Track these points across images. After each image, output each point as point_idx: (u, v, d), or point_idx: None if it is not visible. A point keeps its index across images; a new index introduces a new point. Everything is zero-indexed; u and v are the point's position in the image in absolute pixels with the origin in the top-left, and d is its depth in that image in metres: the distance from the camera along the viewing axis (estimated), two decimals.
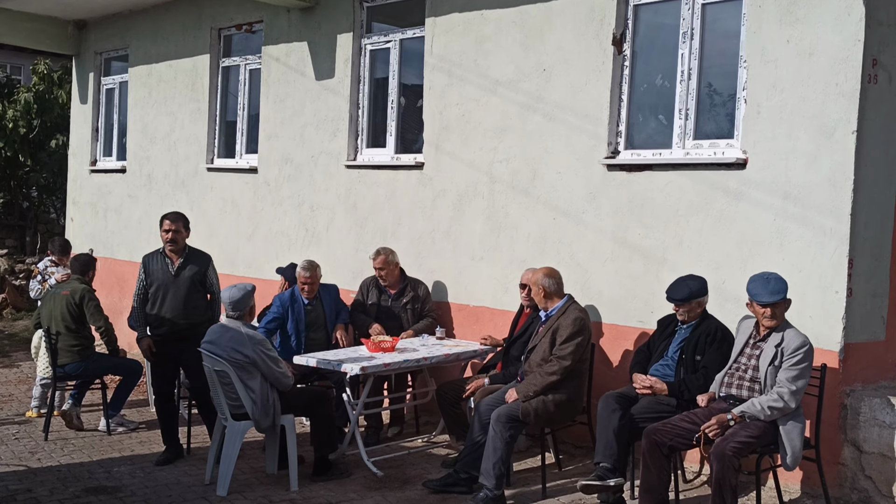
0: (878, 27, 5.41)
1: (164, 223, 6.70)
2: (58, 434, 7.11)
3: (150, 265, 6.65)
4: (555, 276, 5.94)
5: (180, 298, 6.53)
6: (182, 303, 6.52)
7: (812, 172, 5.52)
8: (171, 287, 6.55)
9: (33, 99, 14.93)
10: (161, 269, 6.60)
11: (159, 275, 6.59)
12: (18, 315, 13.06)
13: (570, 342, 5.68)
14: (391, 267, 7.26)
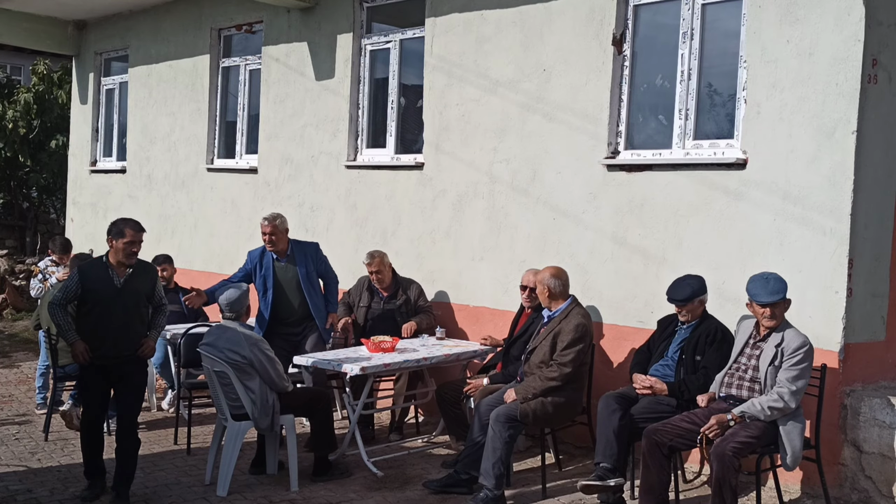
0: (878, 27, 5.41)
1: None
2: (58, 434, 7.10)
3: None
4: (561, 277, 5.94)
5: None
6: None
7: (812, 172, 5.52)
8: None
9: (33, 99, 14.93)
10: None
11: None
12: (18, 315, 13.05)
13: (572, 349, 5.67)
14: (386, 269, 7.27)
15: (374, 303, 7.30)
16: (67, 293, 5.71)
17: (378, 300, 7.31)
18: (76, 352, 5.69)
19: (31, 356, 10.33)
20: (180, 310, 8.27)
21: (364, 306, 7.31)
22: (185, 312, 8.24)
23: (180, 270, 8.82)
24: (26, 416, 7.82)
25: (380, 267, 7.22)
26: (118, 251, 5.86)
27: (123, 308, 5.69)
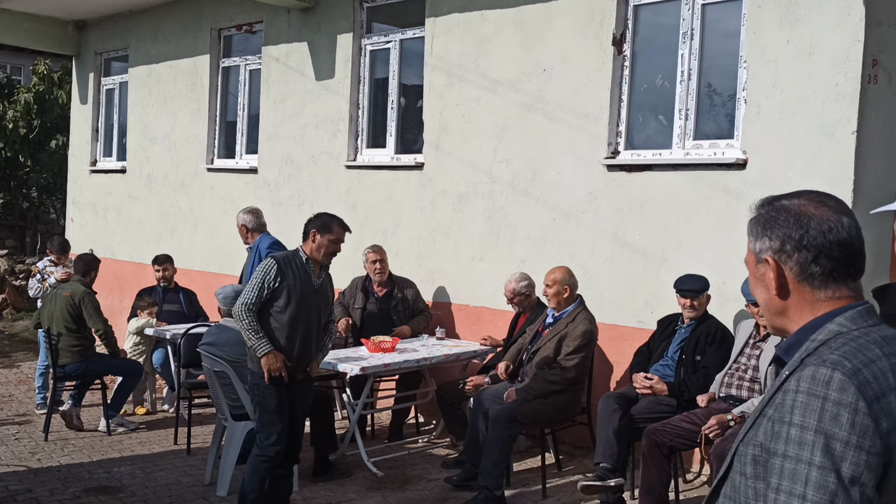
0: (878, 27, 5.41)
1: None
2: (58, 434, 7.11)
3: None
4: (574, 277, 5.99)
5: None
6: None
7: (812, 172, 5.52)
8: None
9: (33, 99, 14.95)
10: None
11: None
12: (18, 315, 13.06)
13: (576, 355, 5.71)
14: (386, 263, 7.27)
15: (370, 303, 7.29)
16: (261, 288, 4.84)
17: (373, 300, 7.29)
18: (271, 365, 4.82)
19: (31, 356, 10.33)
20: (180, 309, 8.28)
21: (359, 307, 7.29)
22: (186, 312, 8.25)
23: (180, 270, 8.82)
24: (26, 416, 7.83)
25: (382, 255, 7.23)
26: (320, 247, 5.01)
27: (317, 313, 5.05)
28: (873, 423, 1.43)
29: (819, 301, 1.62)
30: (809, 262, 1.61)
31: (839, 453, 1.42)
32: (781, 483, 1.46)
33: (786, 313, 1.67)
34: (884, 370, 1.49)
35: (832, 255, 1.60)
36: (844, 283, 1.61)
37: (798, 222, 1.65)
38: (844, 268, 1.60)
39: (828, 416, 1.44)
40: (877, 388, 1.47)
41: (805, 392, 1.48)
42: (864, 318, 1.59)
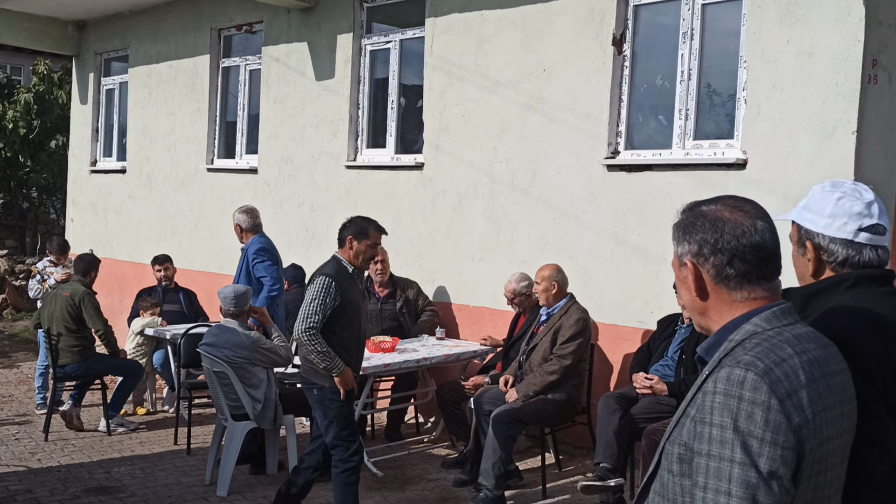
0: (878, 27, 5.41)
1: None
2: (58, 434, 7.11)
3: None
4: (563, 274, 6.00)
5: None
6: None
7: (812, 172, 5.52)
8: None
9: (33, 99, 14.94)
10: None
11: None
12: (18, 315, 13.06)
13: (572, 342, 5.71)
14: (387, 263, 7.27)
15: (371, 304, 7.28)
16: (324, 309, 4.70)
17: (374, 301, 7.29)
18: (346, 382, 4.77)
19: (31, 356, 10.33)
20: (180, 309, 8.28)
21: None
22: (186, 312, 8.25)
23: (180, 270, 8.82)
24: (26, 416, 7.83)
25: (385, 257, 7.22)
26: (358, 254, 4.93)
27: (366, 319, 5.07)
28: (785, 420, 1.51)
29: (736, 302, 1.69)
30: (724, 265, 1.68)
31: (756, 450, 1.50)
32: (708, 481, 1.54)
33: (707, 314, 1.74)
34: (794, 368, 1.57)
35: (745, 257, 1.67)
36: (759, 284, 1.69)
37: (714, 227, 1.70)
38: (758, 269, 1.68)
39: (743, 415, 1.52)
40: (788, 385, 1.54)
41: (721, 393, 1.55)
42: (778, 317, 1.67)
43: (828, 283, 2.04)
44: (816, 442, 1.56)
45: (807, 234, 2.09)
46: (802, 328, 1.68)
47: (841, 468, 1.66)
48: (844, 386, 1.68)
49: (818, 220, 2.06)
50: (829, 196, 2.07)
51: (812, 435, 1.55)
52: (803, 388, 1.56)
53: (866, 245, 2.03)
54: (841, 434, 1.64)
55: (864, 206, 2.07)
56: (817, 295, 2.04)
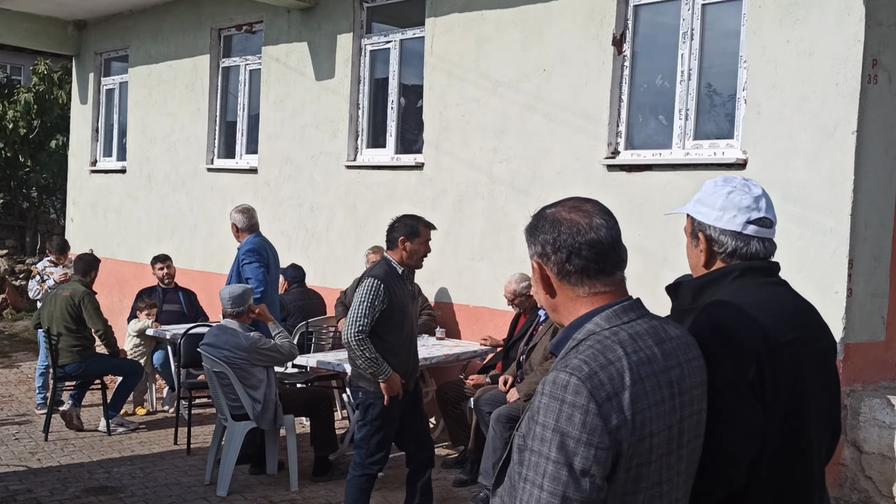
0: (878, 27, 5.41)
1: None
2: (58, 434, 7.11)
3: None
4: None
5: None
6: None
7: (812, 172, 5.52)
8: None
9: (33, 99, 14.94)
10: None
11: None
12: (18, 315, 13.06)
13: None
14: None
15: None
16: (372, 311, 4.63)
17: None
18: (392, 388, 4.70)
19: (31, 356, 10.34)
20: (180, 309, 8.29)
21: None
22: (186, 312, 8.25)
23: (180, 270, 8.83)
24: (26, 416, 7.83)
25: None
26: (413, 254, 4.85)
27: (415, 322, 4.97)
28: (602, 423, 1.62)
29: (580, 297, 1.82)
30: (564, 262, 1.80)
31: (572, 449, 1.62)
32: (528, 473, 1.67)
33: (558, 310, 1.87)
34: (620, 371, 1.68)
35: (582, 253, 1.79)
36: (598, 279, 1.81)
37: (553, 227, 1.82)
38: (595, 264, 1.80)
39: (564, 416, 1.64)
40: (610, 389, 1.65)
41: (548, 395, 1.68)
42: (619, 315, 1.79)
43: (716, 275, 2.15)
44: (636, 438, 1.66)
45: (699, 226, 2.18)
46: (642, 325, 1.79)
47: (674, 456, 1.76)
48: (683, 377, 1.79)
49: (710, 213, 2.16)
50: (720, 190, 2.17)
51: (631, 433, 1.65)
52: (626, 389, 1.66)
53: (754, 237, 2.14)
54: (672, 426, 1.74)
55: (753, 200, 2.15)
56: (708, 285, 2.14)
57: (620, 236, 1.85)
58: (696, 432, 1.83)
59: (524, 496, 1.66)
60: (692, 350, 1.86)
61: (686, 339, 1.87)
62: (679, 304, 2.21)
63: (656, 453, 1.71)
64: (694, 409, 1.81)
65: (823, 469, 2.17)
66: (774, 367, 1.96)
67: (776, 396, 1.96)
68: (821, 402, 2.10)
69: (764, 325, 2.00)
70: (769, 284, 2.17)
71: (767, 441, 1.97)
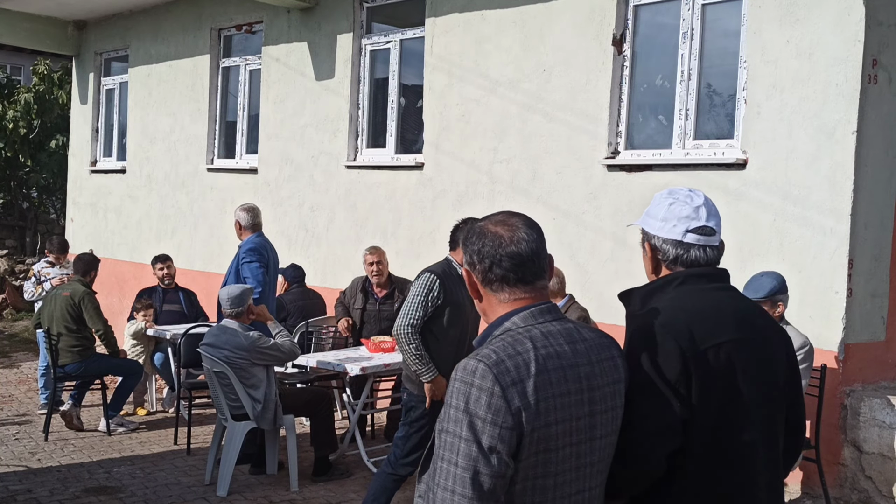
0: (878, 27, 5.41)
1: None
2: (58, 434, 7.11)
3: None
4: (558, 276, 5.96)
5: None
6: None
7: (812, 172, 5.52)
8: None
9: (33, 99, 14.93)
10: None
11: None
12: (18, 315, 13.06)
13: None
14: (385, 264, 7.26)
15: (370, 304, 7.28)
16: (425, 306, 4.53)
17: (373, 301, 7.28)
18: (436, 391, 4.59)
19: (31, 356, 10.34)
20: (180, 309, 8.28)
21: (359, 308, 7.28)
22: (186, 312, 8.25)
23: (180, 270, 8.82)
24: (26, 416, 7.83)
25: (380, 257, 7.19)
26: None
27: (473, 327, 4.79)
28: (506, 404, 1.80)
29: (501, 302, 1.99)
30: (487, 270, 1.98)
31: (479, 428, 1.79)
32: (444, 453, 1.82)
33: (486, 313, 2.05)
34: (527, 361, 1.85)
35: (502, 264, 1.96)
36: (517, 287, 1.98)
37: (478, 239, 2.00)
38: (514, 274, 1.97)
39: (472, 399, 1.81)
40: (515, 375, 1.83)
41: (459, 380, 1.85)
42: (535, 316, 1.96)
43: (661, 282, 2.28)
44: (540, 424, 1.82)
45: (646, 236, 2.36)
46: (556, 326, 1.95)
47: (586, 447, 1.91)
48: (595, 374, 1.94)
49: (654, 224, 2.35)
50: (664, 202, 2.39)
51: (534, 417, 1.81)
52: (531, 378, 1.83)
53: (694, 245, 2.27)
54: (580, 417, 1.89)
55: (693, 210, 2.32)
56: (653, 292, 2.27)
57: (543, 248, 2.00)
58: (611, 428, 1.97)
59: (442, 475, 1.82)
60: (606, 351, 2.00)
61: (601, 342, 2.01)
62: (631, 310, 2.33)
63: (563, 441, 1.86)
64: (607, 405, 1.95)
65: (780, 470, 2.24)
66: (703, 368, 2.05)
67: (707, 397, 2.06)
68: (767, 404, 2.17)
69: (693, 328, 2.10)
70: (712, 290, 2.25)
71: (695, 438, 2.06)
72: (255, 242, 6.68)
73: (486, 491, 1.78)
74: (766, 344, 2.23)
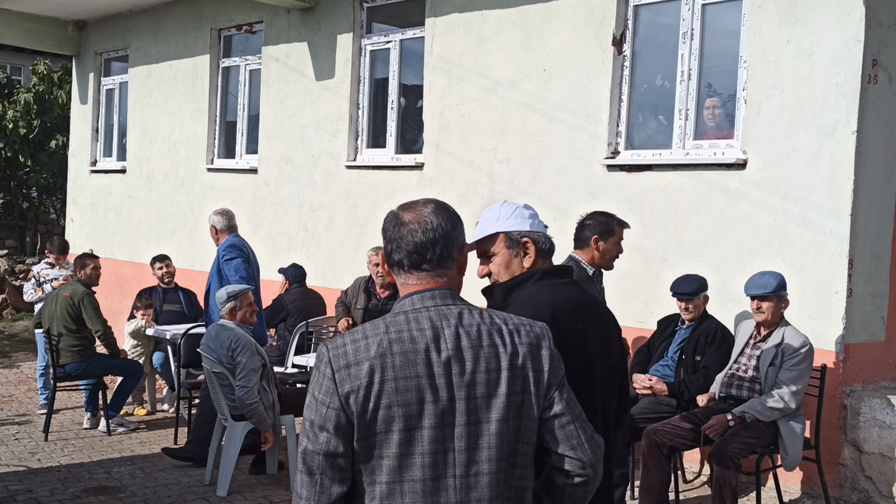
0: (878, 27, 5.41)
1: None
2: (58, 434, 7.11)
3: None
4: None
5: None
6: None
7: (812, 172, 5.52)
8: None
9: (33, 99, 14.92)
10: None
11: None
12: (18, 315, 13.06)
13: None
14: None
15: (371, 304, 7.28)
16: None
17: (375, 301, 7.29)
18: None
19: (30, 356, 10.33)
20: (180, 309, 8.29)
21: (361, 308, 7.29)
22: (186, 312, 8.25)
23: (180, 270, 8.83)
24: (26, 416, 7.83)
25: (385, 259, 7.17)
26: (605, 254, 4.55)
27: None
28: (335, 386, 1.93)
29: (404, 284, 2.09)
30: (388, 254, 2.11)
31: (314, 408, 1.96)
32: (302, 432, 2.00)
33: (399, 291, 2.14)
34: (369, 345, 1.95)
35: (401, 248, 2.06)
36: (410, 272, 2.07)
37: (388, 222, 2.11)
38: (408, 260, 2.06)
39: (316, 380, 1.97)
40: (351, 359, 1.94)
41: (315, 362, 2.03)
42: (421, 300, 2.04)
43: (521, 278, 2.56)
44: (372, 406, 1.91)
45: (522, 234, 2.61)
46: (431, 312, 2.01)
47: (446, 431, 1.94)
48: (464, 360, 1.96)
49: (524, 223, 2.61)
50: (511, 208, 2.63)
51: (364, 400, 1.91)
52: (368, 360, 1.93)
53: (549, 237, 2.66)
54: (436, 401, 1.94)
55: (531, 212, 2.65)
56: (514, 287, 2.54)
57: (449, 237, 2.06)
58: (495, 415, 1.97)
59: (300, 452, 1.99)
60: (489, 338, 2.01)
61: (488, 329, 2.02)
62: (493, 303, 2.56)
63: (408, 423, 1.92)
64: (482, 392, 1.97)
65: (611, 433, 2.59)
66: (566, 352, 2.20)
67: (568, 375, 2.21)
68: (609, 379, 2.57)
69: (558, 317, 2.38)
70: (564, 285, 2.59)
71: None
72: (227, 243, 6.58)
73: (316, 466, 1.94)
74: (607, 330, 2.65)
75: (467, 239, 2.20)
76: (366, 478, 1.95)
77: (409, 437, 1.93)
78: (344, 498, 1.96)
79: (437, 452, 1.94)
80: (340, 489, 1.95)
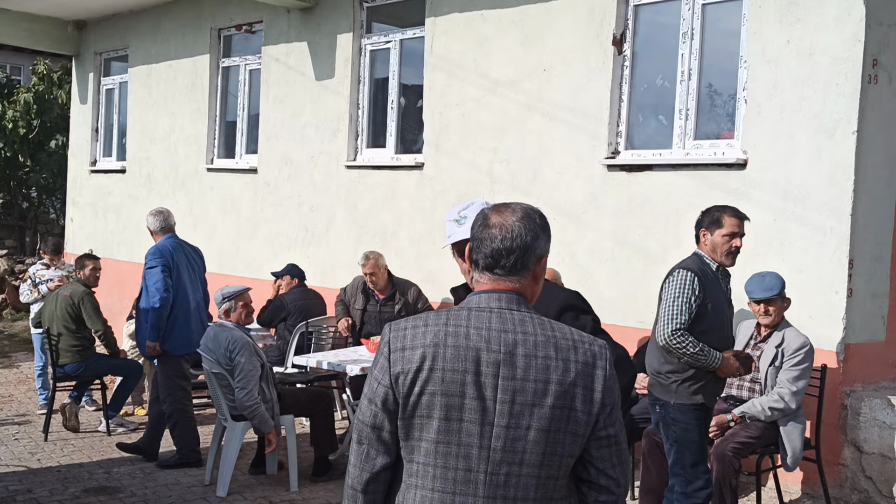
0: (878, 27, 5.41)
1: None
2: (58, 434, 7.10)
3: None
4: (556, 274, 5.97)
5: None
6: None
7: (812, 172, 5.52)
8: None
9: (33, 99, 14.91)
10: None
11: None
12: (18, 315, 13.05)
13: None
14: (381, 271, 7.21)
15: (370, 305, 7.27)
16: (689, 306, 4.13)
17: (374, 303, 7.28)
18: (728, 370, 4.22)
19: (30, 356, 10.32)
20: None
21: (359, 308, 7.28)
22: None
23: None
24: (26, 416, 7.83)
25: (374, 269, 7.15)
26: (715, 247, 4.30)
27: (730, 329, 4.44)
28: (388, 365, 2.06)
29: (477, 281, 2.16)
30: (472, 250, 2.16)
31: (370, 382, 2.09)
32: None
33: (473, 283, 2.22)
34: (426, 333, 2.05)
35: (480, 249, 2.12)
36: (484, 272, 2.12)
37: (477, 219, 2.16)
38: (484, 261, 2.11)
39: (376, 357, 2.11)
40: (407, 343, 2.06)
41: (380, 339, 2.14)
42: (487, 300, 2.09)
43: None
44: (420, 390, 2.01)
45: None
46: (495, 313, 2.06)
47: (480, 428, 2.00)
48: (516, 366, 2.00)
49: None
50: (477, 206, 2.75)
51: (413, 382, 2.01)
52: (422, 347, 2.03)
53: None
54: (475, 398, 1.99)
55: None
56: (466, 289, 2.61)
57: (531, 245, 2.09)
58: (536, 424, 2.00)
59: (355, 420, 2.15)
60: (544, 350, 2.03)
61: (545, 340, 2.04)
62: (457, 302, 2.56)
63: (447, 414, 2.00)
64: (528, 400, 2.00)
65: None
66: None
67: None
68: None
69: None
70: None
71: None
72: (161, 244, 6.41)
73: (364, 436, 2.09)
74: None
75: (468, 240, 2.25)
76: (405, 454, 2.06)
77: (448, 427, 2.01)
78: (388, 469, 2.09)
79: (472, 446, 2.01)
80: (384, 460, 2.08)
